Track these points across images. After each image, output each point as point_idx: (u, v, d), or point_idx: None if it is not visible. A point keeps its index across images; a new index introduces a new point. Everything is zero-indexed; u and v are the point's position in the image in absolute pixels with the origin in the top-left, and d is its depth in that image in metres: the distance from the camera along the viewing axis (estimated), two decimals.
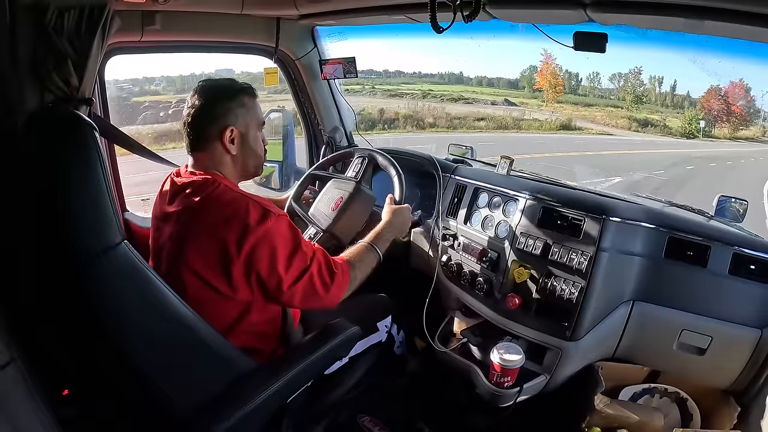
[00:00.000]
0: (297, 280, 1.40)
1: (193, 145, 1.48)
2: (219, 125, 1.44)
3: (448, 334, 2.12)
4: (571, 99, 31.13)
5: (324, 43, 2.62)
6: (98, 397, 1.32)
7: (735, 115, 29.08)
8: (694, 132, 27.95)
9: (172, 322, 1.21)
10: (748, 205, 1.85)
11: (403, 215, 1.83)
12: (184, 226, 1.40)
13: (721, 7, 1.27)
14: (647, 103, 31.08)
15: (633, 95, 31.03)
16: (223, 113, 1.45)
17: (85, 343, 1.19)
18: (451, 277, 2.10)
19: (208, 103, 1.44)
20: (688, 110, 30.09)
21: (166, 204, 1.48)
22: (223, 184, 1.42)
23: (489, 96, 30.46)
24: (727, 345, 1.68)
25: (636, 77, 31.09)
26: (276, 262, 1.36)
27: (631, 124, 28.87)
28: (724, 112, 29.16)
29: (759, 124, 29.66)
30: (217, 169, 1.47)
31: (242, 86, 1.50)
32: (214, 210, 1.36)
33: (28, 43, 1.08)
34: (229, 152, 1.47)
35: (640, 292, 1.75)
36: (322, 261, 1.46)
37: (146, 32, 1.99)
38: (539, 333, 1.80)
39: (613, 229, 1.73)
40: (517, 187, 1.98)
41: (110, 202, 1.09)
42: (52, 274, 1.11)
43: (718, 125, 29.10)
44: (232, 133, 1.46)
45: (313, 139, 2.82)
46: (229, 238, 1.33)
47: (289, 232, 1.41)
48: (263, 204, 1.39)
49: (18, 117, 1.08)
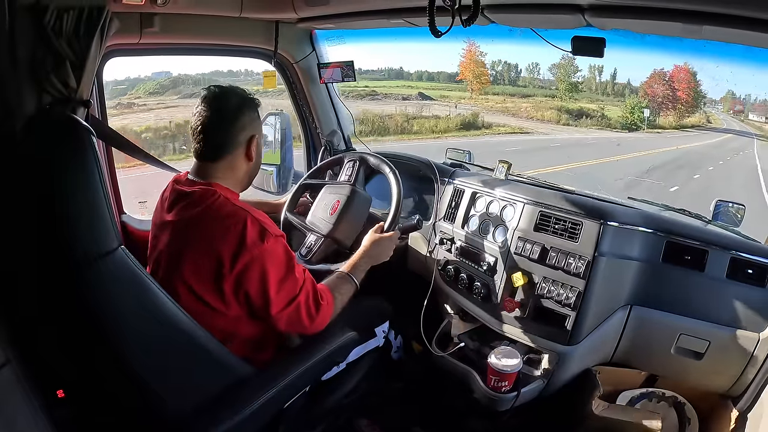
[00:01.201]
0: (284, 307, 1.41)
1: (206, 153, 1.45)
2: (246, 134, 1.45)
3: (446, 339, 2.11)
4: (509, 90, 29.00)
5: (322, 46, 2.62)
6: (95, 400, 1.32)
7: (681, 101, 27.17)
8: (637, 122, 25.99)
9: (168, 327, 1.21)
10: (745, 209, 1.85)
11: (382, 245, 1.80)
12: (181, 238, 1.39)
13: (720, 12, 1.27)
14: (585, 92, 28.95)
15: (567, 83, 28.74)
16: (249, 122, 1.45)
17: (82, 347, 1.19)
18: (449, 281, 2.09)
19: (230, 112, 1.43)
20: (630, 98, 27.85)
21: (165, 212, 1.47)
22: (223, 195, 1.41)
23: (404, 90, 27.23)
24: (724, 349, 1.67)
25: (570, 63, 28.44)
26: (266, 284, 1.36)
27: (560, 116, 26.05)
28: (669, 98, 27.11)
29: (702, 110, 28.16)
30: (221, 178, 1.46)
31: (252, 95, 1.50)
32: (213, 222, 1.36)
33: (26, 44, 1.08)
34: (250, 160, 1.49)
35: (637, 297, 1.75)
36: (310, 291, 1.47)
37: (145, 34, 1.98)
38: (537, 337, 1.80)
39: (610, 233, 1.73)
40: (515, 191, 1.98)
41: (107, 207, 1.09)
42: (49, 278, 1.11)
43: (663, 113, 27.21)
44: (257, 142, 1.48)
45: (311, 143, 2.82)
46: (224, 253, 1.32)
47: (284, 256, 1.41)
48: (262, 222, 1.39)
49: (16, 119, 1.08)
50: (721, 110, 29.02)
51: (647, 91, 27.84)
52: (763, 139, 23.78)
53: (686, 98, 27.29)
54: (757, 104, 27.84)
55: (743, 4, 1.23)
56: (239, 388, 1.34)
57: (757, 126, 26.58)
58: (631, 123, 25.98)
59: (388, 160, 2.05)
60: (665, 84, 27.42)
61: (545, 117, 26.18)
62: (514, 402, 1.78)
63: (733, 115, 28.51)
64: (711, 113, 28.48)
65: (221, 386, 1.33)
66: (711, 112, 28.54)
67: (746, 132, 25.49)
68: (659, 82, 27.47)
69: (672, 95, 27.17)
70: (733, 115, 28.54)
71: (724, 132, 26.10)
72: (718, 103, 29.12)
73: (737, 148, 20.77)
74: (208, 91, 1.45)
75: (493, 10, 1.65)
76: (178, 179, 1.51)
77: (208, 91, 1.45)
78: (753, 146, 21.34)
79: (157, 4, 1.77)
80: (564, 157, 15.68)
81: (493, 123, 23.89)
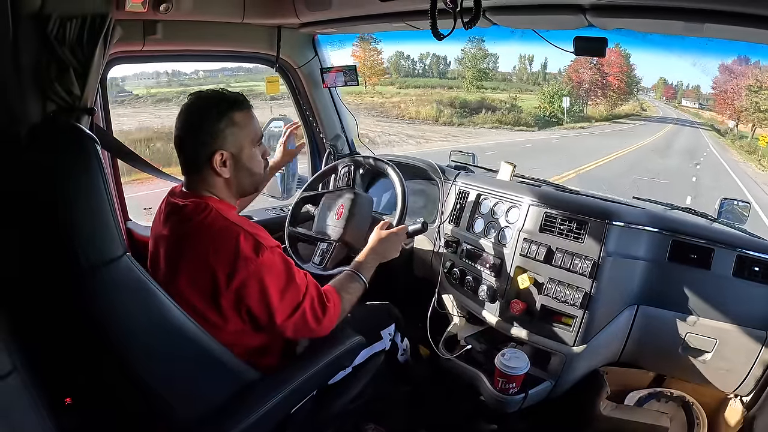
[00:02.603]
0: (289, 316, 1.37)
1: (184, 167, 1.41)
2: (207, 150, 1.35)
3: (453, 341, 2.11)
4: (420, 82, 26.86)
5: (325, 51, 2.63)
6: (101, 407, 1.32)
7: (613, 87, 24.68)
8: (558, 113, 22.86)
9: (174, 333, 1.20)
10: (750, 207, 1.85)
11: (389, 241, 1.76)
12: (176, 253, 1.36)
13: (721, 10, 1.27)
14: (493, 80, 25.91)
15: (474, 70, 25.76)
16: (211, 137, 1.35)
17: (88, 354, 1.19)
18: (455, 283, 2.09)
19: (195, 126, 1.36)
20: (547, 85, 24.77)
21: (161, 225, 1.43)
22: (215, 210, 1.36)
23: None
24: (732, 348, 1.67)
25: (479, 48, 25.80)
26: (268, 297, 1.33)
27: (439, 112, 22.42)
28: (598, 84, 24.34)
29: (636, 98, 26.34)
30: (211, 191, 1.41)
31: (233, 100, 1.39)
32: (204, 239, 1.32)
33: (30, 51, 1.09)
34: (220, 176, 1.38)
35: (644, 296, 1.75)
36: (314, 295, 1.43)
37: (148, 41, 1.99)
38: (544, 339, 1.80)
39: (616, 233, 1.73)
40: (520, 192, 1.98)
41: (112, 215, 1.08)
42: (54, 286, 1.11)
43: (592, 102, 24.69)
44: (223, 157, 1.36)
45: (315, 147, 2.82)
46: (219, 270, 1.29)
47: (282, 266, 1.37)
48: (256, 236, 1.34)
49: (21, 126, 1.09)
50: (654, 97, 28.02)
51: (571, 77, 25.34)
52: (707, 128, 23.09)
53: (618, 84, 25.16)
54: (689, 90, 26.80)
55: (744, 2, 1.22)
56: (246, 394, 1.33)
57: (694, 112, 25.60)
58: (550, 115, 23.30)
59: (386, 160, 2.05)
60: (593, 68, 24.84)
61: (420, 114, 23.22)
62: (522, 404, 1.78)
63: (666, 102, 27.55)
64: (644, 100, 27.32)
65: (228, 392, 1.32)
66: (644, 99, 27.38)
67: (687, 120, 24.50)
68: (586, 66, 24.88)
69: (602, 81, 24.80)
70: (667, 101, 27.56)
71: (662, 121, 24.55)
72: (650, 90, 28.08)
73: (693, 149, 19.48)
74: (187, 98, 1.40)
75: (494, 12, 1.65)
76: (173, 191, 1.47)
77: (187, 99, 1.39)
78: (707, 142, 20.49)
79: (160, 11, 1.77)
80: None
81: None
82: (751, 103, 21.55)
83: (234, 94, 1.42)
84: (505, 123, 22.60)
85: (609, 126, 23.91)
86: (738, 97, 22.37)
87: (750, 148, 19.93)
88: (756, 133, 20.84)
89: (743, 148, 20.26)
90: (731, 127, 22.44)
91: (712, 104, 24.62)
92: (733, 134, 22.08)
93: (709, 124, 23.85)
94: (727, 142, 21.50)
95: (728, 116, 22.86)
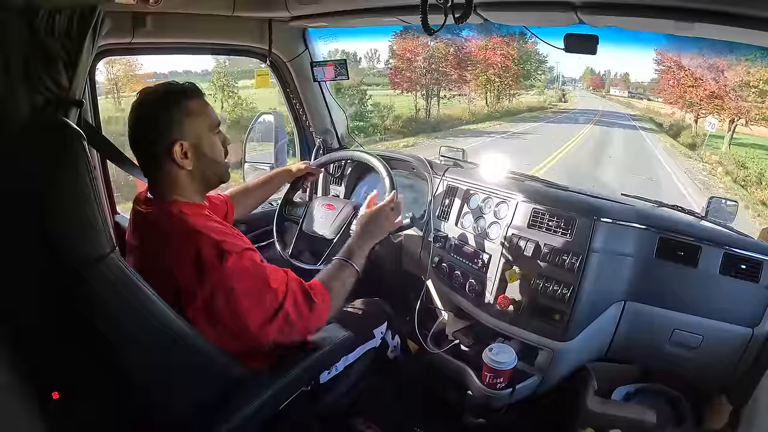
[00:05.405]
0: (270, 321, 1.30)
1: (144, 167, 1.35)
2: (165, 141, 1.28)
3: (441, 336, 2.12)
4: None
5: (316, 45, 2.62)
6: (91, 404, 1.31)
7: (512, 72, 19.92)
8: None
9: (162, 330, 1.19)
10: (738, 205, 1.86)
11: (380, 216, 1.70)
12: (142, 265, 1.27)
13: (712, 9, 1.27)
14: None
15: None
16: (167, 127, 1.28)
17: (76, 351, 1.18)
18: (443, 278, 2.10)
19: (148, 119, 1.29)
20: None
21: (131, 235, 1.39)
22: (178, 215, 1.29)
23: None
24: (718, 344, 1.69)
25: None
26: (238, 305, 1.25)
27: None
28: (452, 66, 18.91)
29: (560, 88, 23.71)
30: (175, 191, 1.33)
31: (183, 88, 1.33)
32: (166, 250, 1.26)
33: (18, 43, 1.07)
34: (184, 168, 1.31)
35: (631, 293, 1.76)
36: (297, 292, 1.36)
37: (137, 34, 1.97)
38: (531, 334, 1.81)
39: (604, 230, 1.73)
40: (509, 188, 1.98)
41: (98, 212, 1.07)
42: (41, 283, 1.10)
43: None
44: (183, 148, 1.29)
45: (305, 142, 2.82)
46: (182, 283, 1.23)
47: (252, 270, 1.29)
48: (221, 242, 1.25)
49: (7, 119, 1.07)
50: (581, 88, 26.31)
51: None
52: (648, 124, 19.42)
53: (518, 70, 20.59)
54: (617, 79, 24.79)
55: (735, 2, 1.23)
56: (236, 390, 1.32)
57: (624, 102, 22.89)
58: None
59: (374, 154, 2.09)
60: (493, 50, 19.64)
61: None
62: (510, 399, 1.79)
63: (593, 92, 25.86)
64: (569, 90, 25.12)
65: (218, 388, 1.31)
66: (568, 89, 25.17)
67: (616, 113, 21.40)
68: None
69: (502, 64, 19.82)
70: (594, 91, 25.93)
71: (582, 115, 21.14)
72: (578, 81, 26.33)
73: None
74: (137, 96, 1.33)
75: (485, 8, 1.65)
76: (138, 198, 1.39)
77: (136, 97, 1.33)
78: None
79: (150, 3, 1.75)
80: None
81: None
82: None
83: (184, 84, 1.36)
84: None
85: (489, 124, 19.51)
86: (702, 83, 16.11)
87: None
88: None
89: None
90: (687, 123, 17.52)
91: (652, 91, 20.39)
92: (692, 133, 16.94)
93: (647, 117, 20.05)
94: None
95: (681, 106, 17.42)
